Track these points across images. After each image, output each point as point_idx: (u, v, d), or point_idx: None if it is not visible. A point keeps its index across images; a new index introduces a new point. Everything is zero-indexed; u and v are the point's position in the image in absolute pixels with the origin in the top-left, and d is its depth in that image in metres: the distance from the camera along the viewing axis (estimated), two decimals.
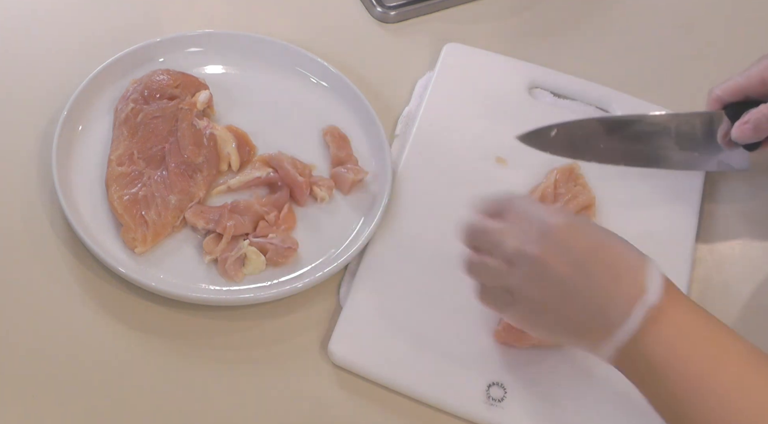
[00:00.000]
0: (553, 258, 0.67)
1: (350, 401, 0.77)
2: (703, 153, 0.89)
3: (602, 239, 0.69)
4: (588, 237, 0.68)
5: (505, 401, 0.77)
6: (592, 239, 0.68)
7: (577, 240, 0.67)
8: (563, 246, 0.67)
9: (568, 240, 0.67)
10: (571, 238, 0.67)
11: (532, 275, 0.67)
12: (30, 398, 0.75)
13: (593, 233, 0.69)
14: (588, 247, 0.67)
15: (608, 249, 0.68)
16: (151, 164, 0.85)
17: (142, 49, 0.92)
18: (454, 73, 0.97)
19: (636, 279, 0.66)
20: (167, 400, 0.76)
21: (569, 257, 0.67)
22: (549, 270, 0.67)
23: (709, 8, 1.09)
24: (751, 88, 0.84)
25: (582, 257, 0.67)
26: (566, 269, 0.66)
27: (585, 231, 0.69)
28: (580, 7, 1.08)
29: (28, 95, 0.91)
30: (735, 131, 0.83)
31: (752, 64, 0.85)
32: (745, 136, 0.83)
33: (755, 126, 0.82)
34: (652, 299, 0.65)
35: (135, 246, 0.80)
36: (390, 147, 0.90)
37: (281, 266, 0.82)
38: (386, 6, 1.02)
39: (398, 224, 0.86)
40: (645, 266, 0.67)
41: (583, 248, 0.67)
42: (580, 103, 0.97)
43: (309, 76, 0.95)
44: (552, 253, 0.67)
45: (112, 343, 0.78)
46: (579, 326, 0.67)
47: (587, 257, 0.67)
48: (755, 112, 0.82)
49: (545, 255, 0.67)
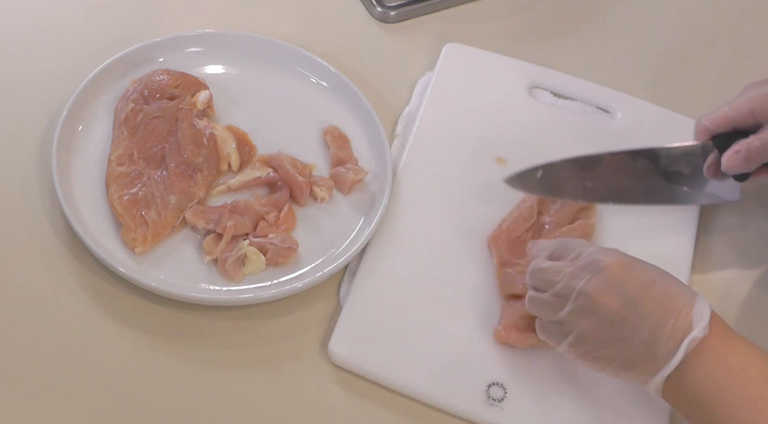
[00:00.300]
0: (603, 294, 0.69)
1: (350, 401, 0.77)
2: (693, 187, 0.87)
3: (652, 276, 0.70)
4: (638, 275, 0.70)
5: (505, 401, 0.77)
6: (643, 277, 0.70)
7: (627, 277, 0.70)
8: (614, 282, 0.70)
9: (619, 277, 0.70)
10: (622, 275, 0.70)
11: (583, 310, 0.70)
12: (30, 398, 0.75)
13: (643, 271, 0.71)
14: (638, 284, 0.70)
15: (658, 286, 0.70)
16: (151, 164, 0.85)
17: (142, 49, 0.92)
18: (454, 73, 0.97)
19: (684, 316, 0.68)
20: (167, 399, 0.76)
21: (619, 294, 0.69)
22: (599, 306, 0.70)
23: (709, 8, 1.09)
24: (739, 120, 0.82)
25: (632, 293, 0.69)
26: (616, 305, 0.69)
27: (635, 268, 0.71)
28: (581, 7, 1.08)
29: (29, 95, 0.91)
30: (725, 161, 0.81)
31: (738, 94, 0.83)
32: (736, 166, 0.81)
33: (746, 156, 0.80)
34: (697, 335, 0.67)
35: (135, 246, 0.80)
36: (390, 147, 0.90)
37: (281, 266, 0.82)
38: (386, 6, 1.03)
39: (398, 224, 0.86)
40: (693, 302, 0.69)
41: (634, 286, 0.69)
42: (580, 103, 0.97)
43: (309, 76, 0.95)
44: (602, 289, 0.70)
45: (112, 343, 0.78)
46: (628, 360, 0.70)
47: (637, 293, 0.69)
48: (746, 142, 0.80)
49: (595, 291, 0.70)
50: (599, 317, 0.70)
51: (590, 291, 0.70)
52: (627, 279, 0.70)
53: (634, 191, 0.86)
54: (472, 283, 0.83)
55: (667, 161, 0.86)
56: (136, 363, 0.77)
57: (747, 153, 0.80)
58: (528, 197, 0.88)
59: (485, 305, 0.82)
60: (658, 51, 1.05)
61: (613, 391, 0.78)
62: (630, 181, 0.86)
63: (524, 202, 0.87)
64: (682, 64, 1.04)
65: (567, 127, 0.95)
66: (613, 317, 0.69)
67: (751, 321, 0.85)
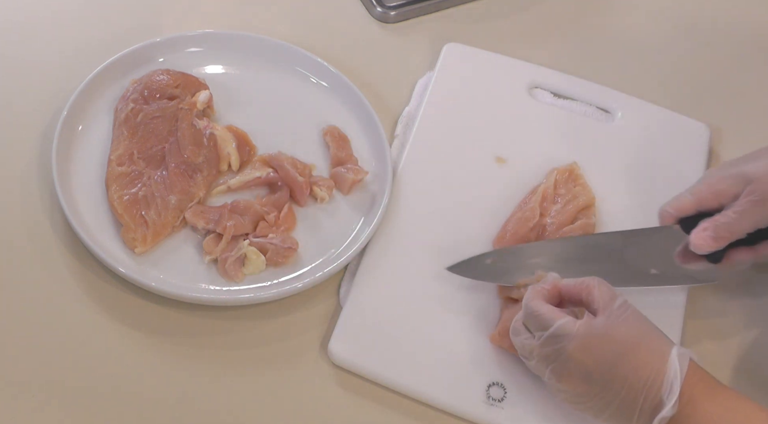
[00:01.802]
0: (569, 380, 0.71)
1: (350, 401, 0.77)
2: (662, 269, 0.82)
3: (618, 351, 0.70)
4: (602, 356, 0.70)
5: (505, 401, 0.77)
6: (607, 356, 0.70)
7: (591, 362, 0.70)
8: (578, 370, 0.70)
9: (583, 364, 0.70)
10: (585, 361, 0.70)
11: (556, 385, 0.73)
12: (30, 398, 0.75)
13: (609, 347, 0.70)
14: (603, 370, 0.70)
15: (624, 362, 0.70)
16: (151, 164, 0.85)
17: (142, 49, 0.92)
18: (454, 73, 0.97)
19: (654, 394, 0.69)
20: (167, 399, 0.76)
21: (585, 380, 0.70)
22: (568, 387, 0.72)
23: (709, 9, 1.09)
24: (703, 202, 0.80)
25: (597, 377, 0.70)
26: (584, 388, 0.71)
27: (600, 347, 0.70)
28: (580, 7, 1.08)
29: (29, 95, 0.91)
30: (694, 240, 0.78)
31: (699, 181, 0.81)
32: (705, 245, 0.78)
33: (715, 233, 0.77)
34: (666, 415, 0.68)
35: (135, 246, 0.80)
36: (390, 147, 0.90)
37: (281, 266, 0.82)
38: (386, 6, 1.02)
39: (398, 224, 0.86)
40: (663, 373, 0.69)
41: (600, 372, 0.70)
42: (580, 103, 0.97)
43: (309, 76, 0.95)
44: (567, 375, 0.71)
45: (111, 343, 0.78)
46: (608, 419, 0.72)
47: (603, 377, 0.70)
48: (712, 220, 0.78)
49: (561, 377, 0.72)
50: (570, 393, 0.72)
51: (557, 376, 0.72)
52: (591, 364, 0.70)
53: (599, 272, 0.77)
54: (473, 283, 0.83)
55: (630, 245, 0.83)
56: (136, 363, 0.77)
57: (714, 230, 0.77)
58: (529, 198, 0.88)
59: (485, 305, 0.82)
60: (658, 51, 1.05)
61: None
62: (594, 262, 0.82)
63: (526, 203, 0.87)
64: (681, 64, 1.04)
65: (567, 127, 0.95)
66: (583, 394, 0.71)
67: (748, 321, 0.85)
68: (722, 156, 0.96)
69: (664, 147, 0.94)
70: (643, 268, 0.82)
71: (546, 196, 0.87)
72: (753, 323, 0.85)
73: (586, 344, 0.70)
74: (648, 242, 0.82)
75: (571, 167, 0.90)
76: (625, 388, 0.69)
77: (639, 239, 0.83)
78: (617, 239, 0.83)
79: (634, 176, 0.92)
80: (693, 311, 0.85)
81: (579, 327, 0.71)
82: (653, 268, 0.82)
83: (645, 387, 0.69)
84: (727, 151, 0.97)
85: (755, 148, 0.83)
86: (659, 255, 0.82)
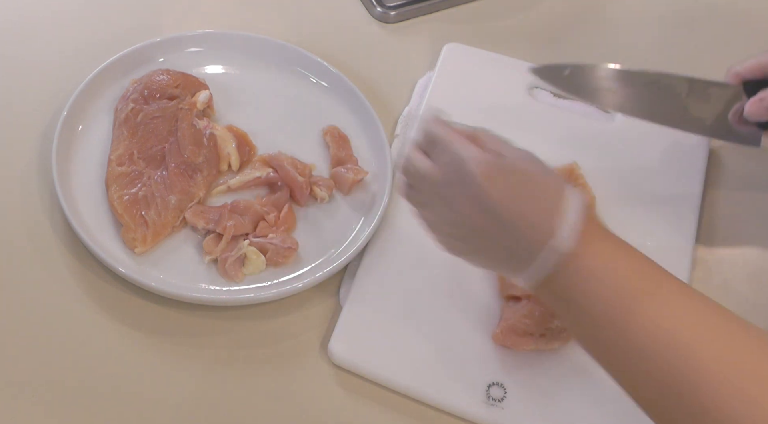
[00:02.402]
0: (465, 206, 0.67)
1: (350, 401, 0.77)
2: (714, 123, 0.88)
3: (519, 181, 0.67)
4: (503, 183, 0.66)
5: (505, 401, 0.77)
6: (507, 187, 0.66)
7: (491, 188, 0.66)
8: (476, 194, 0.66)
9: (482, 188, 0.66)
10: (485, 185, 0.66)
11: (448, 216, 0.69)
12: (29, 398, 0.75)
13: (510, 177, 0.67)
14: (502, 196, 0.66)
15: (524, 193, 0.66)
16: (151, 164, 0.85)
17: (142, 49, 0.92)
18: (454, 73, 0.97)
19: (548, 223, 0.65)
20: (167, 399, 0.76)
21: (481, 208, 0.66)
22: (462, 217, 0.68)
23: (709, 8, 1.09)
24: None
25: (494, 206, 0.66)
26: (477, 218, 0.67)
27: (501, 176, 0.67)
28: (580, 7, 1.08)
29: (29, 95, 0.91)
30: (748, 108, 0.83)
31: None
32: (758, 114, 0.83)
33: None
34: (560, 245, 0.64)
35: (135, 246, 0.80)
36: (390, 147, 0.90)
37: (281, 266, 0.82)
38: (386, 6, 1.03)
39: (398, 224, 0.86)
40: (560, 209, 0.65)
41: (497, 198, 0.66)
42: (580, 103, 0.97)
43: (309, 76, 0.95)
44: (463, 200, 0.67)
45: (111, 343, 0.78)
46: (496, 261, 0.69)
47: (500, 206, 0.66)
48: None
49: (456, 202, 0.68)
50: (463, 227, 0.68)
51: (452, 201, 0.68)
52: (490, 189, 0.66)
53: (655, 110, 0.87)
54: (473, 283, 0.83)
55: (694, 91, 0.87)
56: (136, 363, 0.77)
57: None
58: None
59: (485, 304, 0.82)
60: (658, 51, 1.05)
61: (614, 391, 0.78)
62: (654, 100, 0.87)
63: None
64: (681, 64, 1.03)
65: (567, 127, 0.95)
66: (476, 228, 0.67)
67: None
68: (722, 156, 0.96)
69: (664, 147, 0.94)
70: (699, 117, 0.87)
71: None
72: None
73: (491, 170, 0.67)
74: (710, 94, 0.86)
75: (571, 167, 0.90)
76: (522, 220, 0.65)
77: (703, 89, 0.86)
78: (683, 85, 0.86)
79: (633, 176, 0.92)
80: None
81: (486, 153, 0.68)
82: (708, 120, 0.86)
83: (541, 218, 0.65)
84: (727, 151, 0.97)
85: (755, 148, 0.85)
86: (716, 110, 0.86)
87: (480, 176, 0.66)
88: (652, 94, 0.86)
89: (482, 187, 0.66)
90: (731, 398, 0.59)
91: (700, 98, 0.87)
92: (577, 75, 0.86)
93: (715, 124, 0.87)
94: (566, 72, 0.86)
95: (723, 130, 0.87)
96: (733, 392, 0.59)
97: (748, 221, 0.93)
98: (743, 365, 0.60)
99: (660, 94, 0.86)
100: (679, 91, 0.87)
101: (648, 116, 0.88)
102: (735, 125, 0.86)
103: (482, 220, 0.67)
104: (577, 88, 0.86)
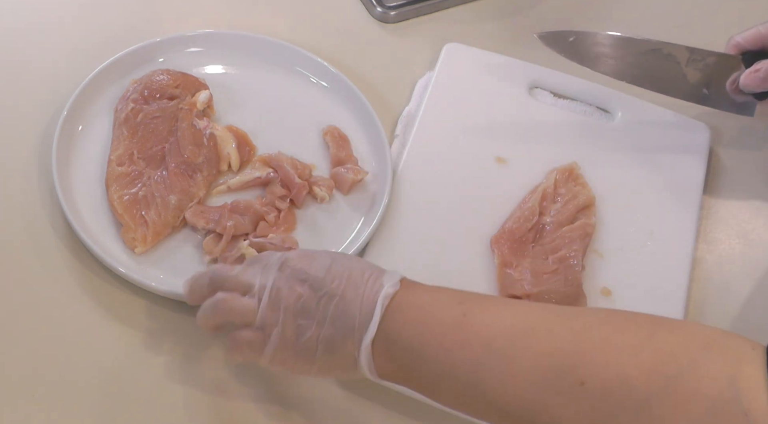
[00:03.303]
0: (289, 284, 0.69)
1: (350, 401, 0.77)
2: (712, 92, 0.90)
3: (332, 258, 0.70)
4: (319, 261, 0.70)
5: None
6: (323, 260, 0.69)
7: (308, 264, 0.69)
8: (296, 271, 0.69)
9: (300, 265, 0.69)
10: (302, 263, 0.69)
11: (275, 304, 0.69)
12: (29, 397, 0.75)
13: (324, 256, 0.70)
14: (319, 267, 0.69)
15: (339, 265, 0.69)
16: (151, 164, 0.85)
17: (142, 49, 0.92)
18: (454, 73, 0.97)
19: (373, 282, 0.68)
20: (167, 399, 0.76)
21: (302, 280, 0.68)
22: (288, 295, 0.68)
23: (708, 8, 1.09)
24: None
25: (314, 277, 0.68)
26: (302, 290, 0.68)
27: (316, 255, 0.70)
28: (580, 7, 1.08)
29: (29, 95, 0.91)
30: (744, 79, 0.85)
31: None
32: (753, 85, 0.85)
33: (765, 76, 0.84)
34: (389, 291, 0.67)
35: (135, 246, 0.80)
36: (390, 147, 0.90)
37: None
38: (386, 6, 1.03)
39: (398, 224, 0.86)
40: (381, 272, 0.69)
41: (315, 269, 0.69)
42: (580, 103, 0.97)
43: (309, 76, 0.95)
44: (286, 279, 0.69)
45: (111, 343, 0.78)
46: (330, 340, 0.68)
47: (320, 275, 0.68)
48: (766, 62, 0.84)
49: (281, 283, 0.69)
50: (291, 308, 0.68)
51: (278, 284, 0.69)
52: (307, 265, 0.69)
53: (655, 78, 0.90)
54: (472, 283, 0.83)
55: (694, 60, 0.89)
56: (135, 363, 0.77)
57: (765, 72, 0.84)
58: (529, 198, 0.88)
59: None
60: None
61: None
62: (654, 68, 0.90)
63: (525, 202, 0.87)
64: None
65: (567, 127, 0.95)
66: (303, 303, 0.68)
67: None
68: (722, 156, 0.96)
69: (663, 147, 0.94)
70: (697, 86, 0.90)
71: (546, 196, 0.87)
72: None
73: (302, 253, 0.71)
74: (709, 64, 0.89)
75: (571, 167, 0.90)
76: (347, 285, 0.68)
77: (702, 58, 0.89)
78: (683, 53, 0.89)
79: (634, 176, 0.92)
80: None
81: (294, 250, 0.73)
82: (706, 88, 0.90)
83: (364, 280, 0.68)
84: (727, 152, 0.97)
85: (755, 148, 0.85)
86: (714, 79, 0.89)
87: (296, 257, 0.70)
88: (652, 62, 0.89)
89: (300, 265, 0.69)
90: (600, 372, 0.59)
91: (699, 67, 0.89)
92: (581, 42, 0.88)
93: (712, 93, 0.90)
94: (571, 38, 0.88)
95: (719, 99, 0.90)
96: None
97: (748, 221, 0.93)
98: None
99: (660, 62, 0.89)
100: (679, 60, 0.89)
101: (647, 84, 0.91)
102: (732, 94, 0.89)
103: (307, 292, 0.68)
104: (580, 54, 0.89)
